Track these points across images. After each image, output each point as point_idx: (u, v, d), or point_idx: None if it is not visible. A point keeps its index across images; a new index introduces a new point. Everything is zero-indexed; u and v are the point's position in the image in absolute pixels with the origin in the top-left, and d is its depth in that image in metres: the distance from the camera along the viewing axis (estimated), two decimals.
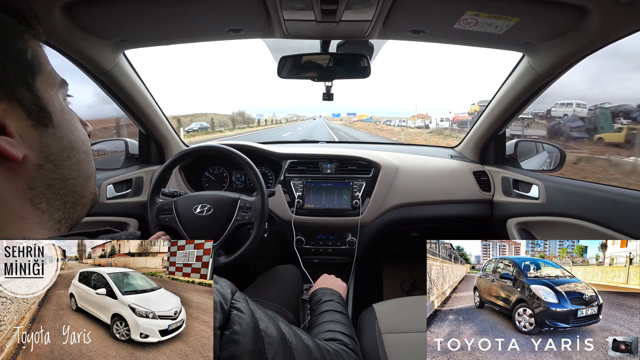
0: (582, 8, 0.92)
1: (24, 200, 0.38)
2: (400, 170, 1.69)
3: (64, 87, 0.43)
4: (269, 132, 35.47)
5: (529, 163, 1.73)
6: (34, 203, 0.38)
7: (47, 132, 0.39)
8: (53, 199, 0.40)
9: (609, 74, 49.05)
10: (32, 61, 0.38)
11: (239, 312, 0.43)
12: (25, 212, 0.38)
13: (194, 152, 1.29)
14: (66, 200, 0.42)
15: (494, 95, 1.58)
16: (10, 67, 0.36)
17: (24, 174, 0.37)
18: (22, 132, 0.37)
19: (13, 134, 0.36)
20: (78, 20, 1.01)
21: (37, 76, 0.39)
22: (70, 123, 0.43)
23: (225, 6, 1.00)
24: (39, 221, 0.39)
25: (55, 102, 0.41)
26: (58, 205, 0.41)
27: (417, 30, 1.13)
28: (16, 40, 0.37)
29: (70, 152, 0.42)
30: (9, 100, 0.36)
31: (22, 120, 0.37)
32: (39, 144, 0.38)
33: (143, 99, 1.52)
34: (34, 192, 0.38)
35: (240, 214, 1.15)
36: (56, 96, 0.41)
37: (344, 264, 1.68)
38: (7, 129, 0.35)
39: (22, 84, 0.37)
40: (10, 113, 0.36)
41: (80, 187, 0.44)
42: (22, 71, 0.37)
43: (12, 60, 0.37)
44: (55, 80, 0.42)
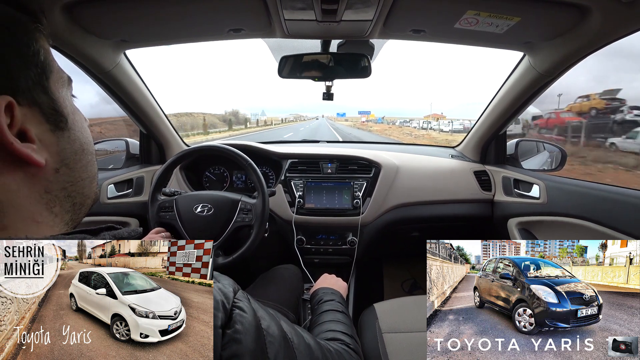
0: (583, 7, 0.91)
1: (40, 205, 0.37)
2: (401, 170, 1.69)
3: (70, 85, 0.43)
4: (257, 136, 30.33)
5: (529, 163, 1.73)
6: (49, 207, 0.38)
7: (63, 135, 0.39)
8: (65, 202, 0.40)
9: (615, 73, 48.75)
10: (44, 62, 0.38)
11: (241, 311, 0.43)
12: (41, 217, 0.38)
13: (196, 151, 1.29)
14: (75, 201, 0.42)
15: (495, 95, 1.57)
16: (27, 70, 0.36)
17: (42, 178, 0.37)
18: (42, 136, 0.37)
19: (34, 139, 0.36)
20: (79, 21, 1.01)
21: (50, 77, 0.38)
22: (81, 124, 0.43)
23: (225, 6, 1.00)
24: (52, 225, 0.39)
25: (67, 103, 0.41)
26: (68, 207, 0.41)
27: (417, 29, 1.12)
28: (30, 40, 0.37)
29: (82, 155, 0.42)
30: (29, 105, 0.36)
31: (41, 125, 0.37)
32: (56, 148, 0.38)
33: (144, 99, 1.52)
34: (49, 196, 0.38)
35: (240, 215, 1.15)
36: (67, 97, 0.41)
37: (344, 264, 1.68)
38: (29, 134, 0.35)
39: (39, 87, 0.37)
40: (31, 118, 0.36)
41: (87, 188, 0.44)
42: (38, 74, 0.37)
43: (29, 62, 0.36)
44: (63, 79, 0.41)
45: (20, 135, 0.35)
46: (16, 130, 0.34)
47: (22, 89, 0.35)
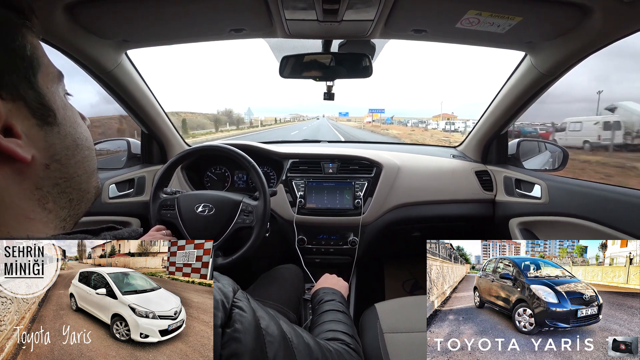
0: (585, 7, 0.91)
1: (31, 201, 0.37)
2: (402, 170, 1.69)
3: (62, 81, 0.42)
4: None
5: (531, 162, 1.73)
6: (41, 203, 0.38)
7: (52, 131, 0.39)
8: (59, 198, 0.40)
9: (618, 73, 48.65)
10: (31, 57, 0.38)
11: (240, 310, 0.43)
12: (33, 213, 0.37)
13: (197, 151, 1.29)
14: (71, 197, 0.42)
15: (496, 95, 1.57)
16: (12, 64, 0.35)
17: (31, 174, 0.37)
18: (28, 132, 0.36)
19: (20, 134, 0.35)
20: (80, 21, 1.02)
21: (37, 72, 0.38)
22: (73, 120, 0.42)
23: (227, 6, 1.00)
24: (46, 221, 0.39)
25: (57, 98, 0.40)
26: (64, 204, 0.41)
27: (418, 29, 1.12)
28: (16, 35, 0.36)
29: (75, 150, 0.42)
30: (14, 100, 0.35)
31: (28, 120, 0.36)
32: (44, 144, 0.38)
33: (145, 99, 1.52)
34: (41, 192, 0.38)
35: (241, 216, 1.15)
36: (57, 92, 0.41)
37: (345, 264, 1.68)
38: (14, 130, 0.35)
39: (25, 81, 0.36)
40: (16, 113, 0.35)
41: (85, 184, 0.44)
42: (24, 68, 0.37)
43: (14, 56, 0.36)
44: (53, 74, 0.41)
45: (5, 131, 0.34)
46: (0, 126, 0.34)
47: (6, 83, 0.35)
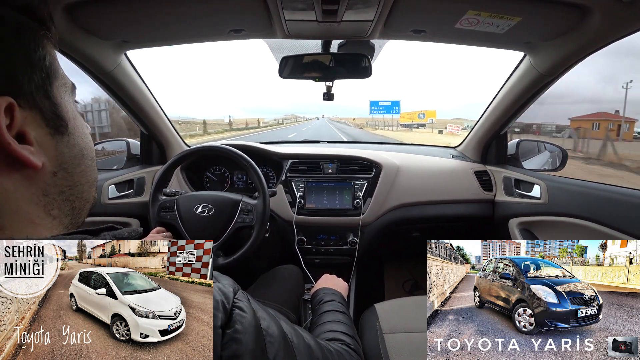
0: (584, 7, 0.91)
1: (38, 207, 0.38)
2: (401, 170, 1.69)
3: (74, 92, 0.44)
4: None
5: (530, 163, 1.73)
6: (47, 209, 0.39)
7: (63, 140, 0.40)
8: (64, 205, 0.41)
9: (626, 74, 48.72)
10: (49, 67, 0.39)
11: (240, 311, 0.43)
12: (39, 219, 0.38)
13: (196, 152, 1.29)
14: (74, 205, 0.42)
15: (496, 95, 1.57)
16: (32, 74, 0.36)
17: (39, 181, 0.37)
18: (40, 140, 0.37)
19: (32, 142, 0.36)
20: (80, 22, 1.02)
21: (54, 82, 0.39)
22: (82, 130, 0.43)
23: (226, 7, 1.01)
24: (50, 227, 0.39)
25: (69, 108, 0.41)
26: (67, 211, 0.42)
27: (418, 30, 1.12)
28: (37, 45, 0.37)
29: (81, 160, 0.42)
30: (30, 108, 0.36)
31: (41, 129, 0.37)
32: (54, 152, 0.39)
33: (145, 100, 1.52)
34: (47, 198, 0.39)
35: (241, 216, 1.15)
36: (69, 102, 0.42)
37: (345, 264, 1.68)
38: (27, 137, 0.36)
39: (42, 91, 0.37)
40: (31, 121, 0.36)
41: (87, 193, 0.44)
42: (42, 78, 0.37)
43: (34, 66, 0.37)
44: (67, 85, 0.42)
45: (19, 137, 0.35)
46: (15, 132, 0.35)
47: (24, 92, 0.35)
